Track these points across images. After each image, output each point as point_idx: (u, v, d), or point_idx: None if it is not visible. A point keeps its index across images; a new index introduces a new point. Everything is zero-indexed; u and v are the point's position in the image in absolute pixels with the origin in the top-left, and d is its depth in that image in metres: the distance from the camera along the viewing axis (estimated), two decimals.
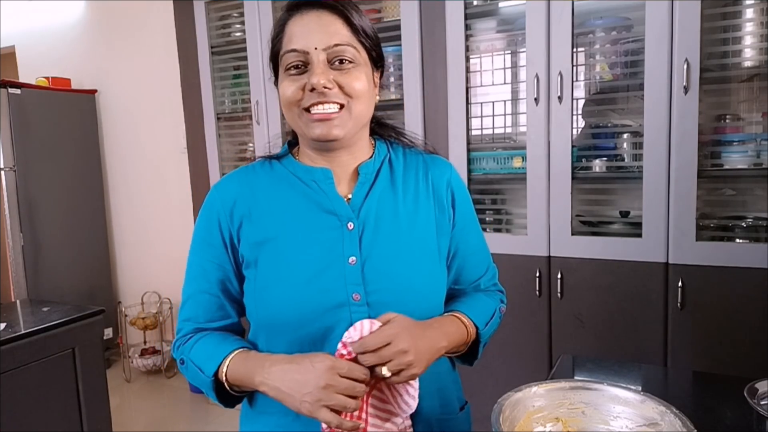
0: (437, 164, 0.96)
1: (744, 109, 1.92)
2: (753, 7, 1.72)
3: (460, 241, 0.95)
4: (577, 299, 1.95)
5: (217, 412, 2.93)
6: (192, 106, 2.74)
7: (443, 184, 0.94)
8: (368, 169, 0.91)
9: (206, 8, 2.59)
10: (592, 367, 1.32)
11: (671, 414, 0.78)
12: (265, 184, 0.91)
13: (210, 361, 0.85)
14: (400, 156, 0.96)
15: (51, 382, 1.84)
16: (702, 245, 1.75)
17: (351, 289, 0.83)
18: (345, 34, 0.83)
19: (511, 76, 2.13)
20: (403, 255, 0.87)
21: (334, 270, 0.84)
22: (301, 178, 0.90)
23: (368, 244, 0.86)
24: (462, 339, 0.89)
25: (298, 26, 0.83)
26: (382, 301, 0.83)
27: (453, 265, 0.95)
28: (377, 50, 0.89)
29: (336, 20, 0.83)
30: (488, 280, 1.01)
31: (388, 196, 0.90)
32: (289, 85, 0.84)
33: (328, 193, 0.88)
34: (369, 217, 0.87)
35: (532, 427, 0.84)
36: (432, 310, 0.88)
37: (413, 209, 0.91)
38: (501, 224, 2.19)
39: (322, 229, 0.86)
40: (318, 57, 0.82)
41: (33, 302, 2.35)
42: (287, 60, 0.84)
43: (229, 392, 0.85)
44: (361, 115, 0.86)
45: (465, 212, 0.96)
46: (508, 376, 2.05)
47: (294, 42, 0.83)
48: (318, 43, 0.82)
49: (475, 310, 0.93)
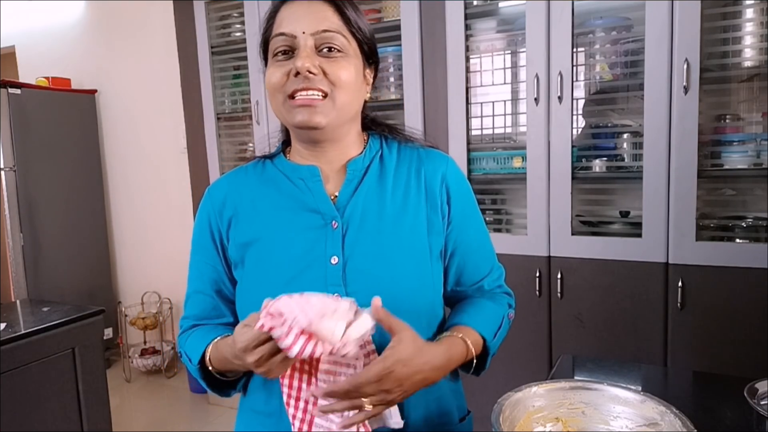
0: (432, 159, 0.92)
1: (744, 109, 1.92)
2: (753, 7, 1.72)
3: (458, 239, 0.91)
4: (577, 299, 1.95)
5: (217, 412, 2.93)
6: (192, 106, 2.75)
7: (437, 180, 0.89)
8: (356, 166, 0.89)
9: (206, 8, 2.59)
10: (592, 367, 1.32)
11: (671, 414, 0.78)
12: (254, 185, 0.91)
13: (196, 351, 0.86)
14: (394, 152, 0.92)
15: (51, 382, 1.84)
16: (702, 245, 1.75)
17: (331, 289, 0.80)
18: (335, 22, 0.82)
19: (511, 76, 2.13)
20: (387, 255, 0.84)
21: (315, 270, 0.82)
22: (289, 176, 0.89)
23: (351, 244, 0.83)
24: (462, 359, 0.84)
25: (287, 12, 0.83)
26: (363, 302, 0.78)
27: (452, 265, 0.92)
28: (369, 44, 0.87)
29: (327, 8, 0.82)
30: (493, 281, 0.95)
31: (376, 193, 0.87)
32: (275, 70, 0.82)
33: (314, 192, 0.87)
34: (354, 216, 0.85)
35: (532, 427, 0.84)
36: (421, 312, 0.85)
37: (402, 207, 0.87)
38: (501, 224, 2.19)
39: (306, 228, 0.85)
40: (305, 41, 0.80)
41: (33, 302, 2.35)
42: (275, 44, 0.83)
43: (218, 378, 0.86)
44: (345, 106, 0.83)
45: (463, 209, 0.92)
46: (508, 376, 2.05)
47: (283, 26, 0.82)
48: (306, 27, 0.80)
49: (481, 321, 0.88)
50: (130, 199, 3.65)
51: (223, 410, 2.92)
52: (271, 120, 2.51)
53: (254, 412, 0.90)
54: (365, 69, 0.88)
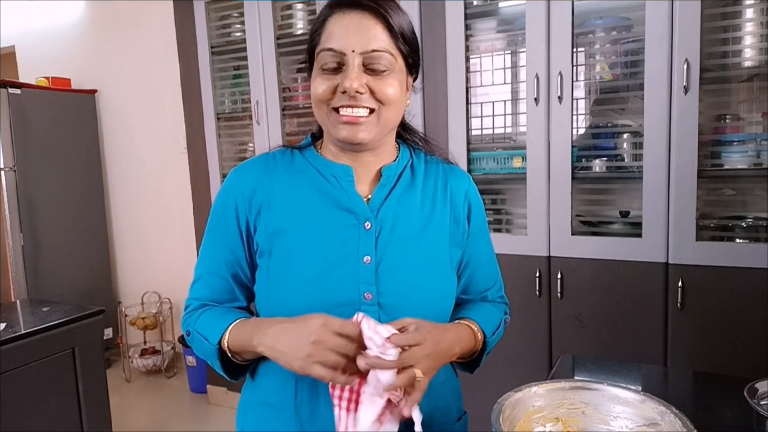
0: (456, 175, 0.97)
1: (744, 109, 1.92)
2: (753, 7, 1.72)
3: (472, 253, 0.96)
4: (577, 299, 1.95)
5: (217, 412, 2.93)
6: (192, 106, 2.75)
7: (461, 196, 0.94)
8: (391, 172, 0.91)
9: (206, 8, 2.59)
10: (592, 367, 1.32)
11: (671, 414, 0.78)
12: (284, 175, 0.91)
13: (214, 330, 0.85)
14: (422, 162, 0.96)
15: (51, 382, 1.84)
16: (702, 245, 1.75)
17: (363, 287, 0.83)
18: (384, 40, 0.82)
19: (511, 76, 2.13)
20: (416, 259, 0.87)
21: (348, 267, 0.84)
22: (321, 171, 0.90)
23: (384, 245, 0.86)
24: (471, 347, 0.89)
25: (337, 25, 0.82)
26: (392, 302, 0.83)
27: (463, 275, 0.96)
28: (414, 57, 0.89)
29: (377, 24, 0.82)
30: (495, 292, 1.02)
31: (408, 200, 0.90)
32: (321, 83, 0.83)
33: (347, 191, 0.88)
34: (387, 219, 0.88)
35: (532, 427, 0.84)
36: (439, 316, 0.89)
37: (429, 216, 0.91)
38: (501, 224, 2.19)
39: (339, 226, 0.86)
40: (354, 60, 0.81)
41: (33, 302, 2.35)
42: (323, 58, 0.83)
43: (232, 360, 0.86)
44: (389, 121, 0.86)
45: (479, 225, 0.97)
46: (508, 376, 2.05)
47: (332, 41, 0.82)
48: (356, 45, 0.81)
49: (483, 318, 0.93)
50: (130, 199, 3.64)
51: (223, 410, 2.93)
52: (271, 120, 2.51)
53: (259, 403, 0.90)
54: (408, 78, 0.89)
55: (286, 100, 2.52)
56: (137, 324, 3.35)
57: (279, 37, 2.45)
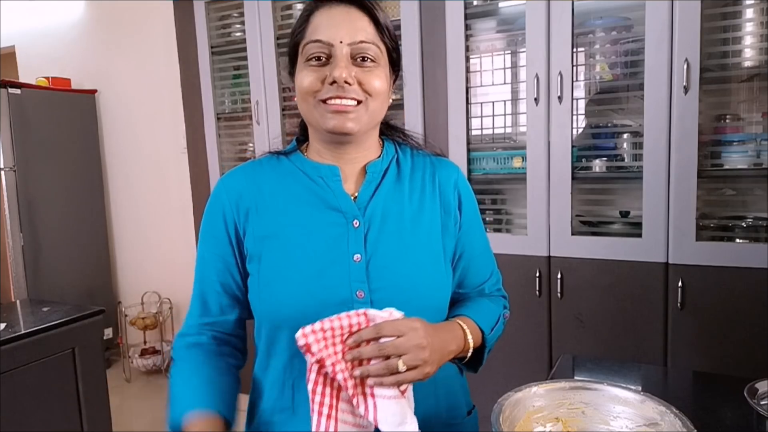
0: (444, 166, 0.96)
1: (744, 109, 1.92)
2: (753, 7, 1.72)
3: (465, 244, 0.95)
4: (577, 299, 1.95)
5: None
6: (192, 106, 2.75)
7: (450, 187, 0.94)
8: (376, 168, 0.91)
9: (206, 8, 2.59)
10: (592, 367, 1.32)
11: (671, 414, 0.78)
12: (271, 179, 0.91)
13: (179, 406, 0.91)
14: (408, 157, 0.96)
15: (51, 382, 1.84)
16: (702, 245, 1.75)
17: (355, 286, 0.83)
18: (371, 32, 0.83)
19: (511, 76, 2.14)
20: (407, 254, 0.87)
21: (339, 267, 0.84)
22: (308, 173, 0.90)
23: (373, 243, 0.86)
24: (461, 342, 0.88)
25: (324, 18, 0.83)
26: (385, 299, 0.83)
27: (458, 268, 0.95)
28: (396, 53, 0.90)
29: (363, 17, 0.83)
30: (492, 285, 1.01)
31: (395, 195, 0.90)
32: (308, 75, 0.83)
33: (334, 190, 0.88)
34: (375, 216, 0.88)
35: (532, 427, 0.84)
36: (435, 311, 0.88)
37: (419, 210, 0.90)
38: (501, 224, 2.19)
39: (327, 225, 0.86)
40: (342, 51, 0.81)
41: (33, 302, 2.35)
42: (309, 50, 0.83)
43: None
44: (376, 113, 0.86)
45: (471, 215, 0.96)
46: (508, 376, 2.05)
47: (319, 33, 0.82)
48: (344, 36, 0.81)
49: (480, 315, 0.92)
50: (130, 199, 3.64)
51: None
52: (271, 120, 2.51)
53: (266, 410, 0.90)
54: (390, 74, 0.90)
55: (286, 100, 2.52)
56: (137, 324, 3.35)
57: (279, 37, 2.45)
